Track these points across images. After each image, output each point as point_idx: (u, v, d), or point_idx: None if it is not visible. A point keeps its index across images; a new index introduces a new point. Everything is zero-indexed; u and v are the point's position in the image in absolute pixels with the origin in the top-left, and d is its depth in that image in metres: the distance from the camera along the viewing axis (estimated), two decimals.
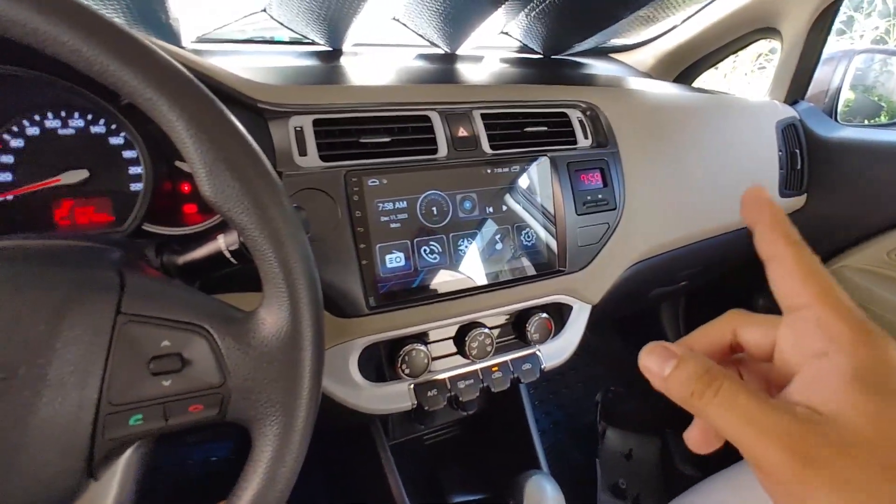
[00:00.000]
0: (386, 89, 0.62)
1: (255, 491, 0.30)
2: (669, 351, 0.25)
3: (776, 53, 1.11)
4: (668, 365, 0.24)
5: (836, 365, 0.21)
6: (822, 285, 0.23)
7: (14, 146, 0.50)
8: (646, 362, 0.25)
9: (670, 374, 0.24)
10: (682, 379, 0.24)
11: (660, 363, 0.24)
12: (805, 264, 0.24)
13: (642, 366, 0.25)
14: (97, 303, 0.29)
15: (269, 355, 0.31)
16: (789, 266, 0.24)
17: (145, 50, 0.28)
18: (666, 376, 0.24)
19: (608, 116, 0.73)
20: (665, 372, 0.24)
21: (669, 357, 0.24)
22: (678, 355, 0.24)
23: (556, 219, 0.65)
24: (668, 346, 0.25)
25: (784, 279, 0.24)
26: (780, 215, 0.25)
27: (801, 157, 1.00)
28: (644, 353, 0.25)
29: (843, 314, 0.22)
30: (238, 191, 0.30)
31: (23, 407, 0.26)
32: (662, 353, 0.25)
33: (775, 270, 0.24)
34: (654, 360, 0.25)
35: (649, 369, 0.25)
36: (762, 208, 0.25)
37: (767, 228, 0.25)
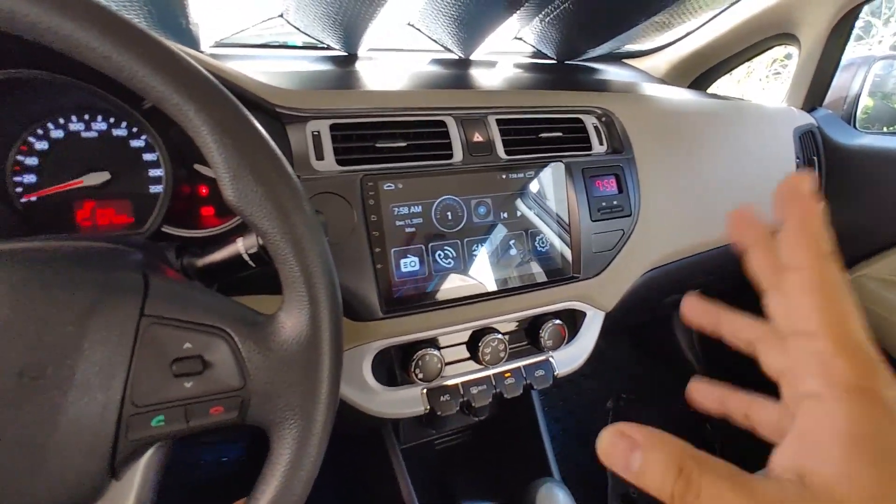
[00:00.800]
0: (402, 94, 0.62)
1: (273, 494, 0.30)
2: (631, 439, 0.20)
3: (791, 59, 1.09)
4: (635, 458, 0.20)
5: (829, 416, 0.18)
6: (836, 314, 0.20)
7: (39, 148, 0.51)
8: (608, 457, 0.21)
9: (640, 471, 0.20)
10: (655, 477, 0.20)
11: (624, 455, 0.20)
12: (825, 284, 0.20)
13: (605, 458, 0.21)
14: (122, 305, 0.29)
15: (289, 359, 0.31)
16: (806, 282, 0.20)
17: (173, 56, 0.29)
18: (636, 472, 0.20)
19: (623, 122, 0.72)
20: (633, 466, 0.20)
21: (633, 447, 0.20)
22: (640, 443, 0.20)
23: (571, 225, 0.65)
24: (629, 431, 0.21)
25: (797, 296, 0.21)
26: (815, 216, 0.21)
27: (819, 165, 0.98)
28: (604, 441, 0.21)
29: (849, 352, 0.19)
30: (261, 196, 0.30)
31: (51, 407, 0.26)
32: (624, 444, 0.20)
33: (790, 283, 0.21)
34: (617, 452, 0.21)
35: (614, 464, 0.21)
36: (796, 203, 0.21)
37: (796, 229, 0.21)
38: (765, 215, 0.24)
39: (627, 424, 0.21)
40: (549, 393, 1.41)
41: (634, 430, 0.21)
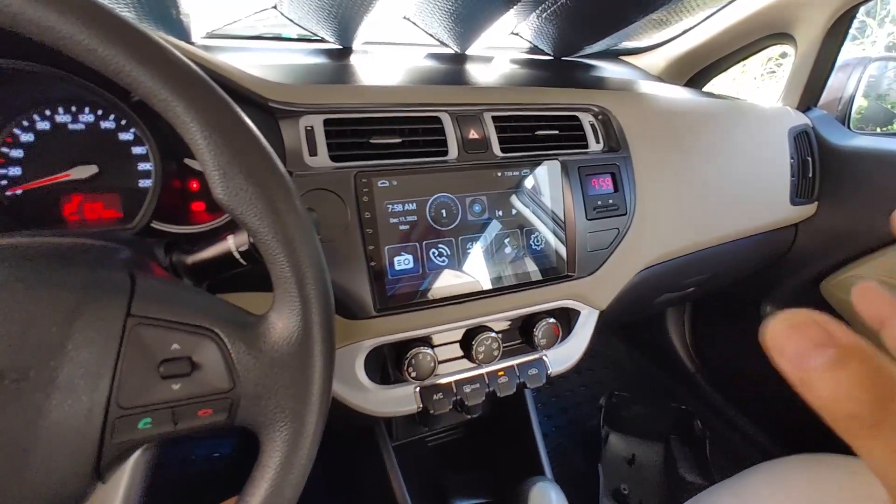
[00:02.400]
0: (397, 90, 0.62)
1: (263, 497, 0.30)
2: (826, 332, 0.16)
3: (787, 58, 1.10)
4: (822, 354, 0.15)
5: None
6: None
7: (24, 140, 0.50)
8: (780, 339, 0.16)
9: (823, 371, 0.15)
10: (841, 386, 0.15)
11: (806, 347, 0.16)
12: None
13: (769, 337, 0.16)
14: (108, 305, 0.28)
15: (280, 361, 0.30)
16: None
17: (161, 50, 0.28)
18: (815, 367, 0.15)
19: (620, 121, 0.72)
20: (814, 362, 0.15)
21: (825, 342, 0.16)
22: (840, 343, 0.16)
23: (566, 223, 0.65)
24: (826, 324, 0.16)
25: None
26: None
27: (813, 165, 0.99)
28: (780, 321, 0.16)
29: None
30: (252, 194, 0.29)
31: (33, 409, 0.26)
32: (814, 334, 0.16)
33: None
34: (797, 339, 0.16)
35: (784, 351, 0.16)
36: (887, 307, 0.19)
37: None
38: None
39: (820, 315, 0.16)
40: (542, 390, 1.42)
41: (836, 325, 0.16)
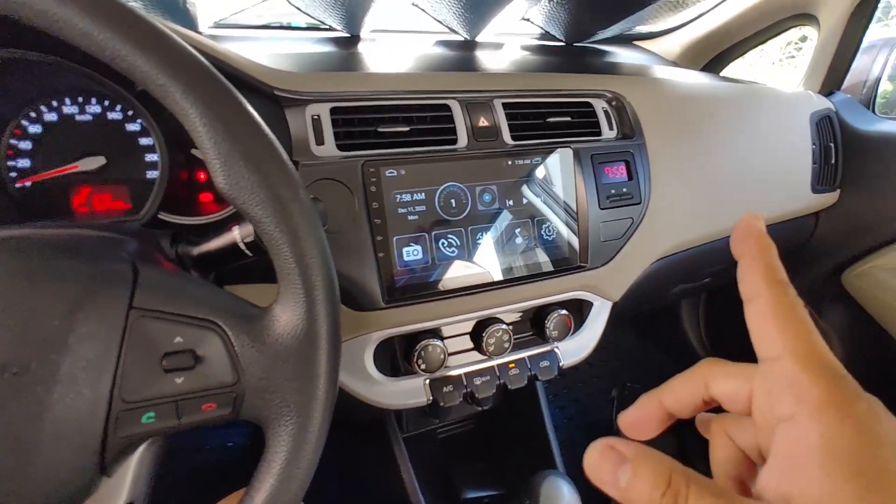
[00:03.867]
0: (405, 77, 0.60)
1: (269, 492, 0.29)
2: (620, 453, 0.21)
3: (807, 42, 1.06)
4: (623, 472, 0.20)
5: (805, 435, 0.19)
6: (797, 334, 0.20)
7: (32, 132, 0.50)
8: (596, 471, 0.21)
9: (628, 486, 0.20)
10: (643, 492, 0.20)
11: (612, 470, 0.20)
12: (782, 308, 0.21)
13: (592, 474, 0.21)
14: (110, 297, 0.28)
15: (284, 354, 0.30)
16: (764, 309, 0.21)
17: (158, 34, 0.27)
18: (623, 486, 0.20)
19: (635, 107, 0.70)
20: (621, 481, 0.20)
21: (621, 461, 0.20)
22: (629, 458, 0.20)
23: (579, 213, 0.63)
24: (618, 447, 0.21)
25: (759, 324, 0.21)
26: (768, 250, 0.22)
27: (836, 151, 0.95)
28: (591, 456, 0.21)
29: (814, 370, 0.19)
30: (253, 183, 0.28)
31: (35, 403, 0.25)
32: (612, 458, 0.21)
33: (751, 313, 0.22)
34: (605, 466, 0.21)
35: (601, 479, 0.21)
36: (750, 240, 0.22)
37: (750, 263, 0.22)
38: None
39: (615, 439, 0.21)
40: (554, 382, 1.41)
41: (623, 445, 0.21)
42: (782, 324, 0.21)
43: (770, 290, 0.21)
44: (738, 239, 0.23)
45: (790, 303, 0.21)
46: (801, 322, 0.21)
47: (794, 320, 0.21)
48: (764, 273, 0.22)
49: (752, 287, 0.22)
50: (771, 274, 0.22)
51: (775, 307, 0.21)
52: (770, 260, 0.22)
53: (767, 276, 0.22)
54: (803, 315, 0.21)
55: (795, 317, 0.21)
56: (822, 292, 1.09)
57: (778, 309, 0.21)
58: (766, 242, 0.23)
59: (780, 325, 0.21)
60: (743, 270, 0.22)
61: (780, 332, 0.21)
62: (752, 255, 0.22)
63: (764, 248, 0.22)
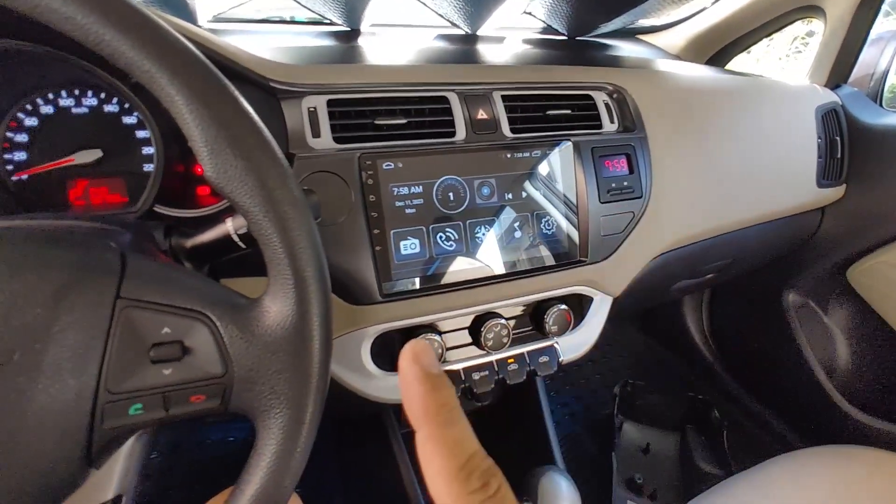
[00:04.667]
0: (402, 69, 0.60)
1: (259, 486, 0.29)
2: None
3: (814, 37, 1.04)
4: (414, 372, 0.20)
5: None
6: None
7: (28, 125, 0.50)
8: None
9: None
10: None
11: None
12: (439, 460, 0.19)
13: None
14: (96, 287, 0.28)
15: (274, 345, 0.29)
16: None
17: (144, 19, 0.27)
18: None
19: (636, 99, 0.69)
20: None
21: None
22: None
23: (579, 207, 0.63)
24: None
25: None
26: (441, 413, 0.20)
27: (842, 145, 0.94)
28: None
29: None
30: (241, 170, 0.28)
31: (18, 393, 0.25)
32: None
33: None
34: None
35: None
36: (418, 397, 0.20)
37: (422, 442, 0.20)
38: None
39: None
40: (555, 377, 1.40)
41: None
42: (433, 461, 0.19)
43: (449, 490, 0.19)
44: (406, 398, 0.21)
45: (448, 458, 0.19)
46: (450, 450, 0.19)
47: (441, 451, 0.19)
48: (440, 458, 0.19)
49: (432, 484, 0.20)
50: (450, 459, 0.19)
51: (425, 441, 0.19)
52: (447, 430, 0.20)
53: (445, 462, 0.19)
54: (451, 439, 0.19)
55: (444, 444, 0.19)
56: (828, 288, 1.07)
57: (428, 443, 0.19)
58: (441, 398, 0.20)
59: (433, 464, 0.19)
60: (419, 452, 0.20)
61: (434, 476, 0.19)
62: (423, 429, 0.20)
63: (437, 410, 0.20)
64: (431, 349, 0.21)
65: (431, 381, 0.20)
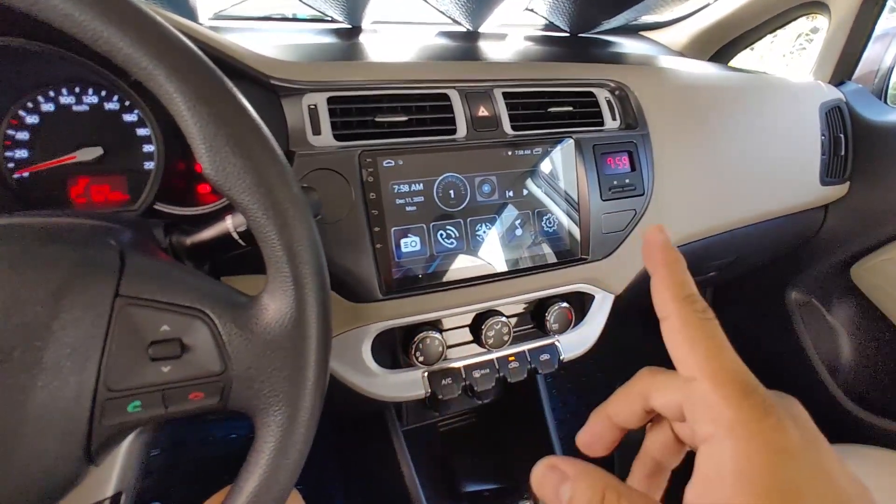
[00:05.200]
0: (403, 66, 0.60)
1: (257, 483, 0.29)
2: (562, 472, 0.22)
3: (818, 33, 1.03)
4: (564, 490, 0.21)
5: (719, 456, 0.19)
6: (707, 353, 0.21)
7: (30, 123, 0.50)
8: (540, 488, 0.22)
9: (568, 500, 0.21)
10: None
11: (554, 487, 0.22)
12: (691, 327, 0.21)
13: (537, 490, 0.22)
14: (95, 284, 0.28)
15: (273, 343, 0.29)
16: (674, 328, 0.22)
17: (142, 16, 0.27)
18: (565, 502, 0.21)
19: (638, 96, 0.69)
20: (564, 497, 0.21)
21: (563, 479, 0.22)
22: (570, 476, 0.21)
23: (580, 204, 0.62)
24: (560, 465, 0.22)
25: (672, 344, 0.22)
26: (675, 264, 0.23)
27: (846, 143, 0.93)
28: (536, 474, 0.23)
29: (725, 389, 0.20)
30: (240, 168, 0.28)
31: (18, 391, 0.25)
32: (555, 477, 0.22)
33: (665, 333, 0.22)
34: (548, 484, 0.22)
35: (545, 495, 0.22)
36: (656, 254, 0.23)
37: (659, 280, 0.23)
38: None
39: (559, 458, 0.22)
40: (558, 376, 1.40)
41: (565, 464, 0.22)
42: (692, 343, 0.21)
43: (678, 308, 0.22)
44: (647, 253, 0.24)
45: (698, 321, 0.21)
46: (711, 339, 0.21)
47: (703, 339, 0.21)
48: (671, 290, 0.22)
49: (662, 305, 0.22)
50: (678, 290, 0.22)
51: (684, 326, 0.21)
52: (677, 275, 0.23)
53: (675, 293, 0.22)
54: (713, 331, 0.21)
55: (705, 335, 0.21)
56: (831, 287, 1.07)
57: (687, 328, 0.21)
58: (673, 256, 0.23)
59: (691, 345, 0.21)
60: (653, 287, 0.23)
61: (691, 352, 0.21)
62: (659, 271, 0.23)
63: (670, 263, 0.23)
64: None
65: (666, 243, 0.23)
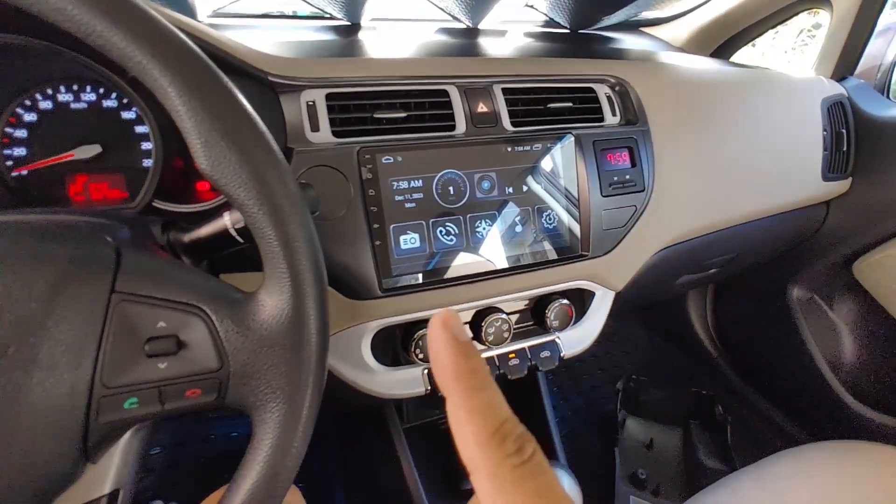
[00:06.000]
0: (402, 62, 0.59)
1: (255, 481, 0.29)
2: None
3: (820, 29, 1.03)
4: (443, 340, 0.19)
5: None
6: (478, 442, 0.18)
7: (28, 120, 0.49)
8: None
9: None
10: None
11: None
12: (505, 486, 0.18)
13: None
14: (91, 281, 0.27)
15: (270, 339, 0.29)
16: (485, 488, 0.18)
17: (135, 9, 0.26)
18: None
19: (639, 92, 0.68)
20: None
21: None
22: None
23: (580, 201, 0.62)
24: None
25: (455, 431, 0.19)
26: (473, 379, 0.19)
27: (848, 138, 0.93)
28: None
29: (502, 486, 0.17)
30: (235, 163, 0.28)
31: (13, 388, 0.25)
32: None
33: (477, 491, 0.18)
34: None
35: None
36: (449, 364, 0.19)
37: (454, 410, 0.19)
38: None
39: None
40: (558, 373, 1.40)
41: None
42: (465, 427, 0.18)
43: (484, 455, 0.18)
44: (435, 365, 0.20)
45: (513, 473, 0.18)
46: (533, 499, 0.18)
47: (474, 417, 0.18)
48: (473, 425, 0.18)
49: (465, 450, 0.19)
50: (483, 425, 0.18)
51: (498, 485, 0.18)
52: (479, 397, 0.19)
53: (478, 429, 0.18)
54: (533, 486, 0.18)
55: (524, 493, 0.18)
56: (833, 283, 1.06)
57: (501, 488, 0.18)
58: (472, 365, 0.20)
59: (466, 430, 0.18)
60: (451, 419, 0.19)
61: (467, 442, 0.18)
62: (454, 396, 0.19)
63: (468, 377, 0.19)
64: (459, 318, 0.20)
65: (461, 348, 0.20)
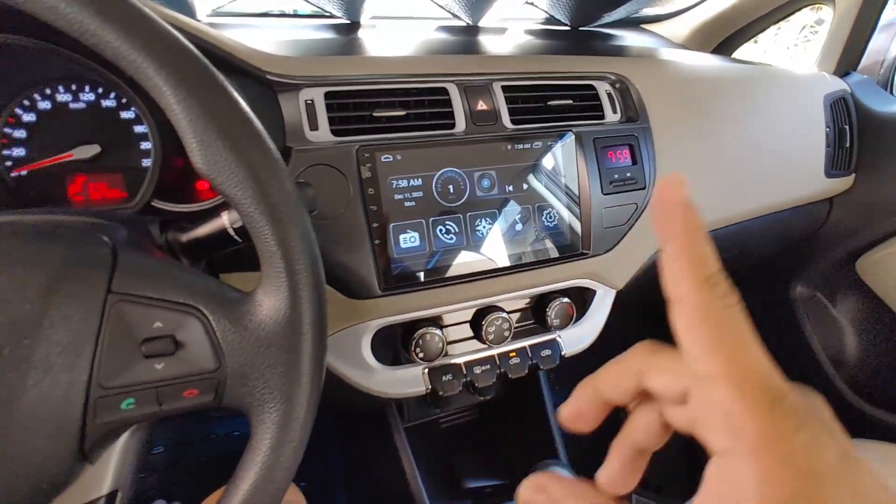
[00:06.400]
0: (401, 60, 0.59)
1: (253, 481, 0.29)
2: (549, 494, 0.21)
3: (823, 25, 1.02)
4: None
5: (739, 475, 0.16)
6: (729, 351, 0.17)
7: (26, 121, 0.49)
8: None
9: None
10: None
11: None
12: (710, 316, 0.17)
13: None
14: (87, 281, 0.27)
15: (267, 339, 0.29)
16: (691, 316, 0.18)
17: (129, 8, 0.26)
18: None
19: (639, 89, 0.68)
20: None
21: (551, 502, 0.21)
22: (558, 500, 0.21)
23: (581, 199, 0.62)
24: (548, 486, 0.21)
25: (686, 335, 0.18)
26: (694, 233, 0.18)
27: (851, 134, 0.92)
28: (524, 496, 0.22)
29: (750, 397, 0.17)
30: (231, 162, 0.27)
31: (8, 389, 0.25)
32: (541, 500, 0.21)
33: (678, 320, 0.18)
34: None
35: None
36: (672, 220, 0.18)
37: (674, 252, 0.18)
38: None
39: (548, 477, 0.21)
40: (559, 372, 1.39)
41: (553, 485, 0.21)
42: (712, 337, 0.17)
43: (696, 291, 0.18)
44: (660, 215, 0.19)
45: (720, 309, 0.18)
46: (734, 333, 0.17)
47: (725, 332, 0.17)
48: (690, 268, 0.18)
49: (675, 286, 0.18)
50: (698, 269, 0.18)
51: (703, 315, 0.18)
52: (697, 247, 0.18)
53: (694, 272, 0.18)
54: (737, 323, 0.18)
55: (727, 327, 0.17)
56: (836, 280, 1.06)
57: (706, 317, 0.17)
58: (692, 222, 0.18)
59: (710, 339, 0.17)
60: (665, 261, 0.19)
61: (710, 349, 0.17)
62: (676, 242, 0.18)
63: (690, 231, 0.18)
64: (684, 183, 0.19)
65: (686, 207, 0.19)
